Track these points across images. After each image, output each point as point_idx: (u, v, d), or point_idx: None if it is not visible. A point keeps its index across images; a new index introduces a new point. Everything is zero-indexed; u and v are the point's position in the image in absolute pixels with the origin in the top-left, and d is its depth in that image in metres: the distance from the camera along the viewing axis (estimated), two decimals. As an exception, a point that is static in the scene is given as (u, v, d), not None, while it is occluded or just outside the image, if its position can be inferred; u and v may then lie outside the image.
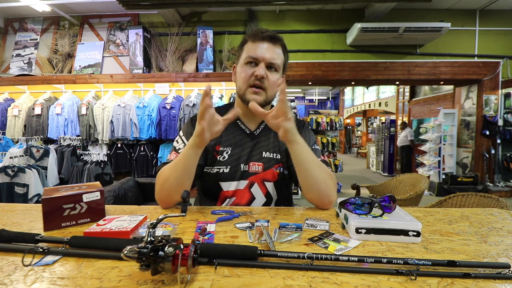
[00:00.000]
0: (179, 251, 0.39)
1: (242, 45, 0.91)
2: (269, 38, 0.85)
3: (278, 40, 0.87)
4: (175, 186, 0.76)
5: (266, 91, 0.86)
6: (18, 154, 2.97)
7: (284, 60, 0.90)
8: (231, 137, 0.93)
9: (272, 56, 0.85)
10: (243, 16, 4.63)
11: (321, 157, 0.92)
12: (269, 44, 0.85)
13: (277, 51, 0.87)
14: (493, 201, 1.19)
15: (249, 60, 0.86)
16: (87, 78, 4.36)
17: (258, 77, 0.84)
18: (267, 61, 0.85)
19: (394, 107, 8.27)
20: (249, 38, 0.88)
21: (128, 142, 4.13)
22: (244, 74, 0.86)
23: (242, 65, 0.88)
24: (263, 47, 0.85)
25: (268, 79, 0.85)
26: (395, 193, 2.25)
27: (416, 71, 4.61)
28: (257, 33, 0.87)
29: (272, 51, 0.85)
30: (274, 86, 0.87)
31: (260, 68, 0.84)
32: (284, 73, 0.93)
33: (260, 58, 0.84)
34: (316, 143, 0.97)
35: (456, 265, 0.45)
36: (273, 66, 0.86)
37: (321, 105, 15.64)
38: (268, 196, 0.91)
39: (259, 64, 0.85)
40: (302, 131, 0.96)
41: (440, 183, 4.86)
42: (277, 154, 0.93)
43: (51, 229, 0.63)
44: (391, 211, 0.64)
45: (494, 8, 4.52)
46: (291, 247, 0.54)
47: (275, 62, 0.85)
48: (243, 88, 0.87)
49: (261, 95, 0.86)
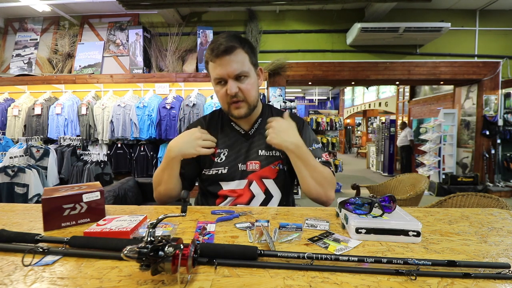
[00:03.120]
0: (179, 251, 0.39)
1: (206, 64, 0.89)
2: (224, 52, 0.81)
3: (233, 46, 0.82)
4: (164, 192, 0.89)
5: (246, 100, 0.88)
6: (18, 154, 2.97)
7: (251, 59, 0.88)
8: (226, 139, 0.95)
9: (236, 67, 0.83)
10: (243, 16, 4.63)
11: (322, 157, 0.92)
12: (227, 57, 0.82)
13: (238, 58, 0.83)
14: (493, 201, 1.19)
15: (218, 80, 0.87)
16: (87, 78, 4.35)
17: (232, 95, 0.85)
18: (232, 74, 0.84)
19: (394, 107, 8.27)
20: (208, 57, 0.86)
21: (128, 142, 4.13)
22: (220, 95, 0.89)
23: (215, 85, 0.90)
24: (222, 63, 0.83)
25: (242, 90, 0.86)
26: (395, 193, 2.25)
27: (416, 71, 4.61)
28: (213, 50, 0.83)
29: (232, 62, 0.83)
30: (251, 92, 0.88)
31: (230, 85, 0.84)
32: (258, 68, 0.93)
33: (225, 76, 0.84)
34: (316, 141, 0.97)
35: (456, 265, 0.45)
36: (241, 74, 0.85)
37: (321, 105, 15.64)
38: (267, 193, 0.92)
39: (228, 80, 0.85)
40: (302, 131, 0.96)
41: (440, 183, 4.86)
42: (276, 151, 0.94)
43: (51, 229, 0.63)
44: (391, 211, 0.64)
45: (494, 8, 4.52)
46: (291, 247, 0.54)
47: (240, 72, 0.84)
48: (225, 107, 0.91)
49: (243, 107, 0.89)
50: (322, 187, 0.84)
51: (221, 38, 0.84)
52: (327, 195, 0.85)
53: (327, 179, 0.85)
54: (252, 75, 0.89)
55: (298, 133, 0.85)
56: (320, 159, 0.91)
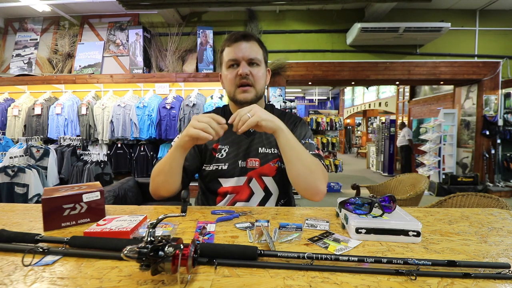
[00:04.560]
0: (179, 251, 0.39)
1: (221, 52, 0.94)
2: (242, 37, 0.88)
3: (252, 36, 0.90)
4: (162, 184, 0.84)
5: (254, 86, 0.90)
6: (18, 154, 2.97)
7: (263, 54, 0.93)
8: (228, 135, 0.95)
9: (250, 52, 0.88)
10: (243, 16, 4.63)
11: (315, 151, 0.90)
12: (244, 42, 0.88)
13: (254, 47, 0.89)
14: (493, 201, 1.19)
15: (231, 63, 0.89)
16: (87, 78, 4.36)
17: (243, 75, 0.87)
18: (247, 58, 0.88)
19: (394, 107, 8.27)
20: (225, 44, 0.92)
21: (128, 142, 4.13)
22: (230, 76, 0.89)
23: (226, 69, 0.91)
24: (239, 47, 0.88)
25: (253, 75, 0.89)
26: (395, 193, 2.25)
27: (416, 71, 4.61)
28: (231, 36, 0.90)
29: (249, 48, 0.88)
30: (260, 80, 0.91)
31: (243, 67, 0.87)
32: (267, 67, 0.96)
33: (240, 58, 0.88)
34: (311, 138, 0.96)
35: (456, 265, 0.45)
36: (254, 61, 0.89)
37: (321, 105, 15.64)
38: (266, 190, 0.92)
39: (241, 63, 0.88)
40: (298, 125, 0.98)
41: (440, 183, 4.86)
42: (274, 148, 0.94)
43: (51, 229, 0.63)
44: (391, 211, 0.64)
45: (494, 8, 4.52)
46: (291, 247, 0.54)
47: (254, 57, 0.89)
48: (232, 90, 0.91)
49: (250, 92, 0.90)
50: (312, 174, 0.77)
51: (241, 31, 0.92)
52: (317, 185, 0.77)
53: (318, 167, 0.79)
54: (263, 67, 0.92)
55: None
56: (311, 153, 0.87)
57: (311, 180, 0.77)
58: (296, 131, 0.96)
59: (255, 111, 0.73)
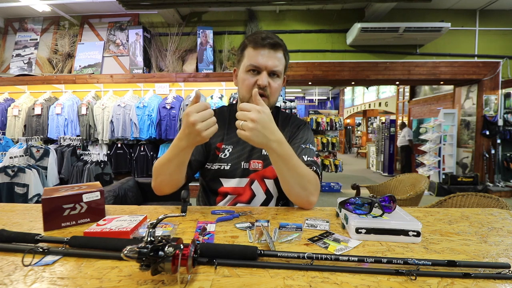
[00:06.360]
0: (179, 251, 0.39)
1: (243, 49, 0.89)
2: (270, 46, 0.84)
3: (280, 46, 0.86)
4: (167, 181, 0.81)
5: (269, 98, 0.87)
6: (18, 154, 2.97)
7: (285, 64, 0.90)
8: (233, 135, 0.94)
9: (274, 63, 0.84)
10: (243, 16, 4.63)
11: (312, 158, 0.89)
12: (271, 51, 0.84)
13: (279, 56, 0.86)
14: (493, 201, 1.19)
15: (251, 68, 0.85)
16: (87, 78, 4.36)
17: (261, 86, 0.83)
18: (270, 69, 0.84)
19: (394, 107, 8.27)
20: (249, 43, 0.86)
21: (128, 142, 4.13)
22: (247, 82, 0.85)
23: (244, 72, 0.87)
24: (264, 54, 0.83)
25: (271, 87, 0.85)
26: (395, 193, 2.25)
27: (416, 71, 4.61)
28: (258, 39, 0.84)
29: (273, 58, 0.84)
30: (276, 92, 0.88)
31: (263, 77, 0.83)
32: (285, 74, 0.94)
33: (263, 67, 0.84)
34: (312, 144, 0.95)
35: (456, 265, 0.45)
36: (276, 73, 0.86)
37: (321, 105, 15.65)
38: (268, 193, 0.92)
39: (262, 72, 0.84)
40: (302, 129, 0.98)
41: (440, 183, 4.86)
42: None
43: (51, 229, 0.63)
44: (391, 211, 0.64)
45: (494, 8, 4.52)
46: (291, 247, 0.54)
47: (277, 70, 0.85)
48: (246, 96, 0.87)
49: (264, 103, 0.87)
50: (304, 189, 0.77)
51: (268, 33, 0.86)
52: (309, 199, 0.78)
53: (311, 181, 0.78)
54: (281, 78, 0.90)
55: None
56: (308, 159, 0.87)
57: (303, 196, 0.78)
58: (298, 135, 0.95)
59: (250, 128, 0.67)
